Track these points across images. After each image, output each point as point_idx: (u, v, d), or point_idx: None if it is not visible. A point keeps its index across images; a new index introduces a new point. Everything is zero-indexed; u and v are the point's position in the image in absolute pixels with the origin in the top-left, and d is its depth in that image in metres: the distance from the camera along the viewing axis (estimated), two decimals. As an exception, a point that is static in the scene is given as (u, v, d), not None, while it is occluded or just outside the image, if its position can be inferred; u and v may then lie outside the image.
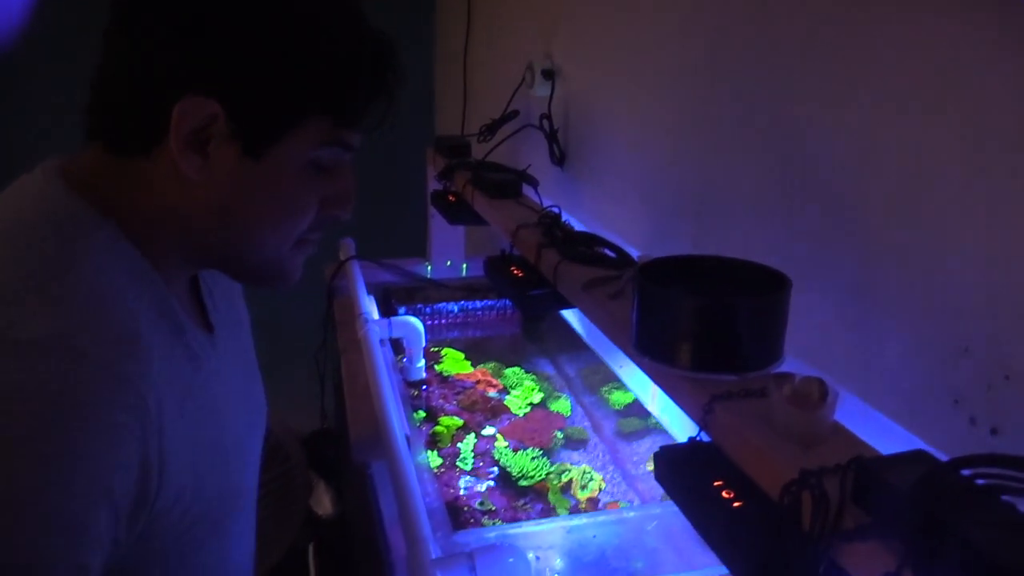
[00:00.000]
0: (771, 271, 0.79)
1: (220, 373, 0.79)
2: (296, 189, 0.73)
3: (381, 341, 1.63)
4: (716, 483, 0.67)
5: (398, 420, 1.23)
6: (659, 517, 1.12)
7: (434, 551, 0.91)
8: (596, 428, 1.69)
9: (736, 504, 0.65)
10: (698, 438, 0.73)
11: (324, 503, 2.09)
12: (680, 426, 1.45)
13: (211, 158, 0.68)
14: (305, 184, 0.73)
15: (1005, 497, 0.50)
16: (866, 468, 0.56)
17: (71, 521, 0.56)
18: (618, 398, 1.71)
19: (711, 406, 0.70)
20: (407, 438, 1.21)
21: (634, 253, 1.32)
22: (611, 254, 1.16)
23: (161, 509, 0.66)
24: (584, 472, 1.48)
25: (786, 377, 0.66)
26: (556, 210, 1.35)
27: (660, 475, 0.74)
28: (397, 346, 1.85)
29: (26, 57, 2.89)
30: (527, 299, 1.18)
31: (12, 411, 0.56)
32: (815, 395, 0.63)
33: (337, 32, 0.70)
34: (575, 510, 1.39)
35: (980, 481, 0.52)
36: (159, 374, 0.65)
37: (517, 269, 1.26)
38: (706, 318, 0.73)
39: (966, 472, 0.53)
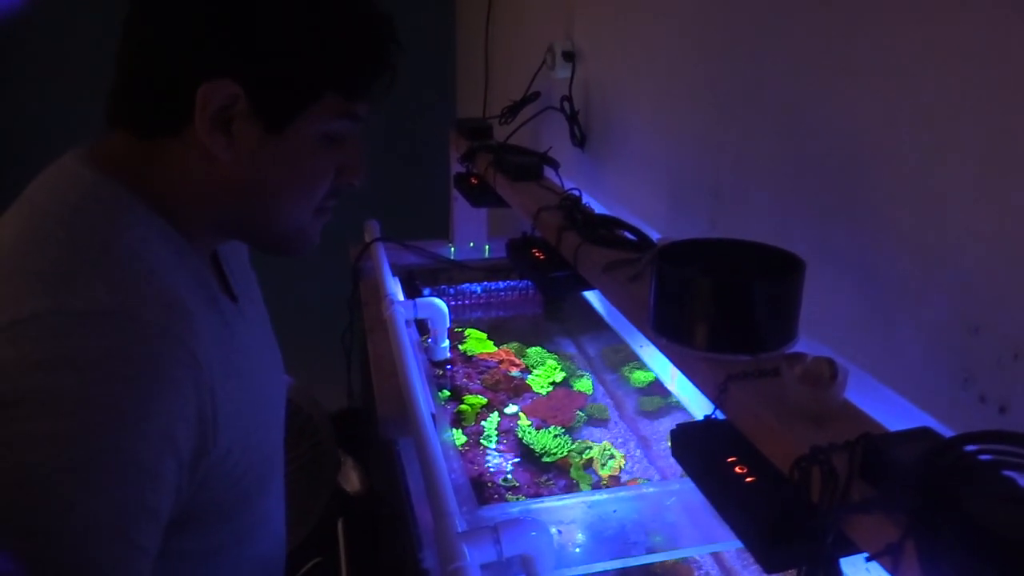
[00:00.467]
0: (786, 253, 0.81)
1: (246, 340, 0.84)
2: (315, 161, 0.79)
3: (406, 322, 1.66)
4: (730, 459, 0.70)
5: (424, 399, 1.27)
6: (678, 493, 1.14)
7: (460, 525, 0.94)
8: (617, 406, 1.72)
9: (749, 479, 0.67)
10: (713, 416, 0.75)
11: (352, 480, 2.14)
12: (699, 404, 1.48)
13: (235, 137, 0.73)
14: (322, 155, 0.79)
15: (1006, 472, 0.52)
16: (873, 444, 0.59)
17: (145, 469, 0.62)
18: (639, 377, 1.74)
19: (726, 385, 0.73)
20: (433, 416, 1.24)
21: (653, 234, 1.34)
22: (631, 236, 1.18)
23: (216, 459, 0.72)
24: (605, 449, 1.51)
25: (798, 357, 0.68)
26: (577, 192, 1.37)
27: (676, 452, 0.77)
28: (422, 327, 1.88)
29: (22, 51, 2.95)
30: (548, 281, 1.21)
31: (85, 376, 0.61)
32: (825, 374, 0.66)
33: (347, 13, 0.75)
34: (597, 486, 1.43)
35: (983, 457, 0.54)
36: (204, 337, 0.69)
37: (539, 251, 1.28)
38: (722, 300, 0.76)
39: (970, 448, 0.55)
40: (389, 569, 1.54)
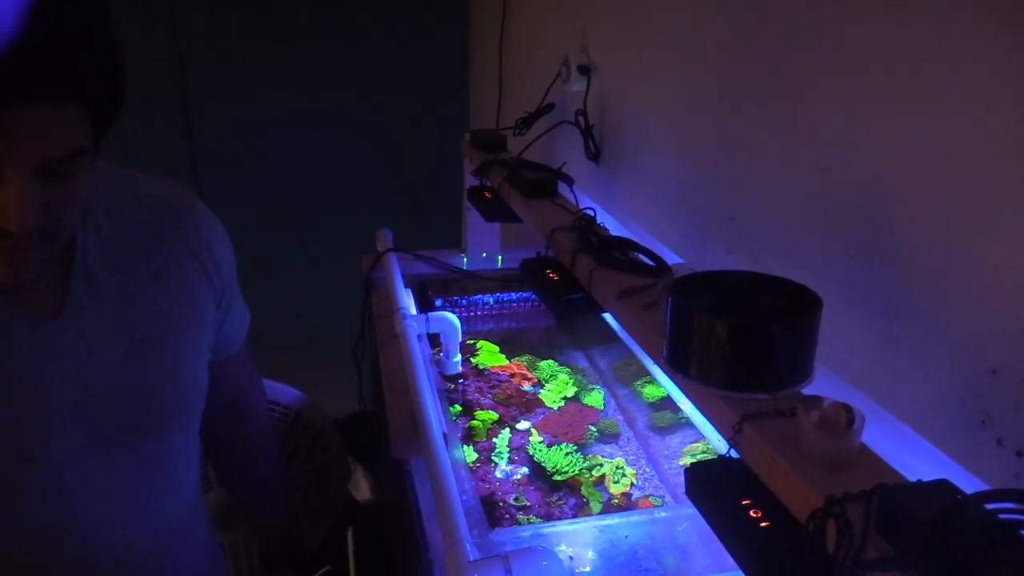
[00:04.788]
0: (803, 289, 0.81)
1: (40, 353, 0.88)
2: None
3: (419, 336, 1.66)
4: (744, 502, 0.70)
5: (436, 419, 1.27)
6: (691, 517, 1.14)
7: (471, 552, 0.94)
8: (629, 422, 1.72)
9: (763, 524, 0.67)
10: (728, 455, 0.75)
11: (363, 489, 2.15)
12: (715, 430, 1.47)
13: None
14: None
15: (1024, 533, 0.52)
16: (889, 497, 0.58)
17: None
18: (651, 392, 1.74)
19: (741, 426, 0.72)
20: (445, 436, 1.24)
21: (667, 254, 1.33)
22: (646, 260, 1.17)
23: None
24: (617, 467, 1.51)
25: (814, 401, 0.68)
26: (591, 212, 1.37)
27: (690, 491, 0.77)
28: (434, 339, 1.88)
29: None
30: (563, 304, 1.21)
31: None
32: (842, 421, 0.65)
33: None
34: (608, 504, 1.43)
35: (1004, 516, 0.54)
36: None
37: (553, 273, 1.28)
38: (738, 339, 0.75)
39: (990, 506, 0.54)
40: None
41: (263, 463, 1.41)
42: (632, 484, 1.49)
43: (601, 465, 1.52)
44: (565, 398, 1.76)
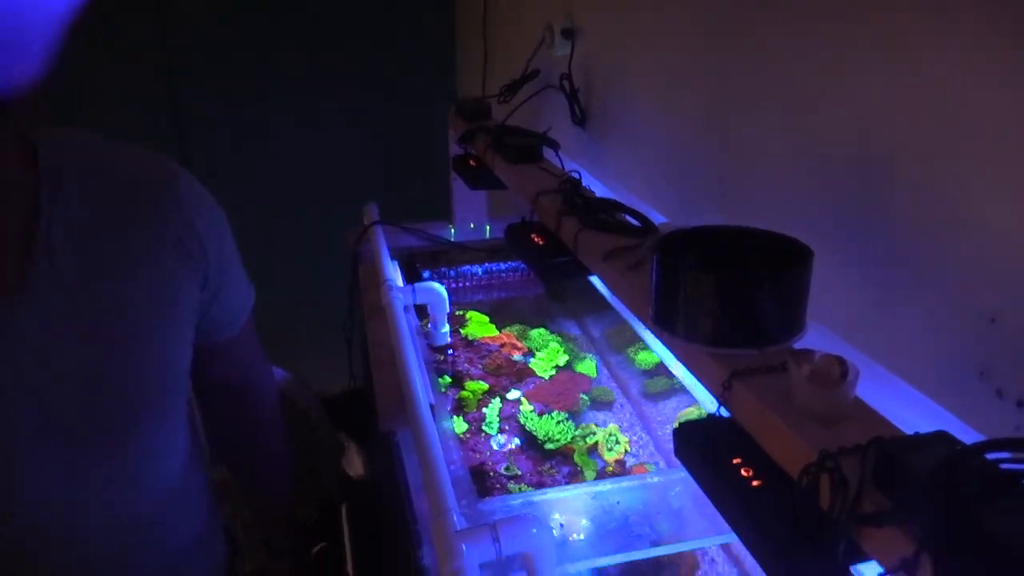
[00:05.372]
0: (793, 242, 0.78)
1: None
2: None
3: (405, 308, 1.63)
4: (735, 461, 0.67)
5: (423, 390, 1.24)
6: (683, 482, 1.12)
7: (459, 521, 0.91)
8: (622, 389, 1.69)
9: (755, 483, 0.64)
10: (717, 414, 0.72)
11: (356, 464, 2.13)
12: (704, 388, 1.45)
13: None
14: None
15: (1028, 482, 0.49)
16: (886, 450, 0.56)
17: None
18: (644, 358, 1.71)
19: (730, 382, 0.70)
20: (432, 407, 1.21)
21: (657, 217, 1.30)
22: (633, 221, 1.14)
23: None
24: (610, 434, 1.49)
25: (806, 355, 0.65)
26: (577, 174, 1.34)
27: (679, 451, 0.74)
28: (421, 310, 1.85)
29: None
30: (547, 268, 1.17)
31: None
32: (835, 374, 0.62)
33: None
34: (602, 472, 1.40)
35: (1005, 466, 0.51)
36: None
37: (538, 236, 1.25)
38: (726, 293, 0.72)
39: (992, 456, 0.52)
40: (390, 560, 1.53)
41: (265, 450, 1.34)
42: (626, 451, 1.47)
43: (594, 433, 1.50)
44: (557, 367, 1.73)
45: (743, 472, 0.66)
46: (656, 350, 1.69)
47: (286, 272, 3.19)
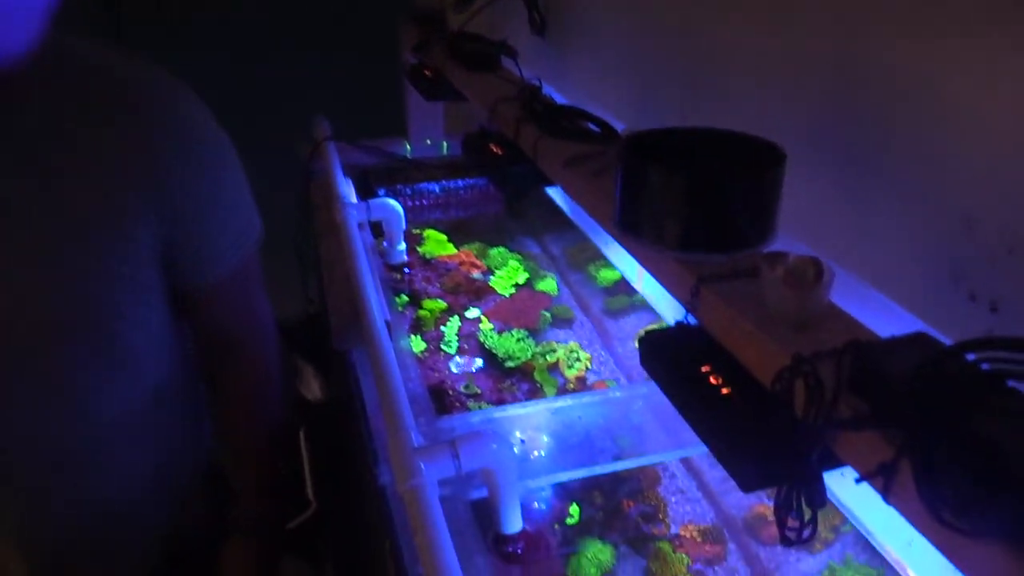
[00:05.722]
0: (765, 143, 0.74)
1: None
2: None
3: (359, 224, 1.57)
4: (703, 369, 0.64)
5: (377, 306, 1.20)
6: (645, 396, 1.10)
7: (417, 439, 0.88)
8: (583, 307, 1.67)
9: (724, 391, 0.62)
10: (685, 321, 0.69)
11: (313, 388, 2.09)
12: (667, 304, 1.43)
13: None
14: None
15: (1012, 383, 0.47)
16: (863, 353, 0.53)
17: None
18: (605, 276, 1.68)
19: (698, 288, 0.66)
20: (387, 323, 1.17)
21: (620, 127, 1.25)
22: (595, 128, 1.09)
23: None
24: (571, 351, 1.47)
25: (779, 256, 0.62)
26: (536, 82, 1.28)
27: (645, 361, 0.71)
28: (377, 229, 1.79)
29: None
30: (506, 177, 1.13)
31: None
32: (810, 275, 0.59)
33: None
34: (562, 389, 1.39)
35: (985, 366, 0.48)
36: None
37: (496, 146, 1.20)
38: (694, 194, 0.68)
39: (972, 356, 0.49)
40: (349, 482, 1.51)
41: (250, 417, 1.14)
42: (587, 368, 1.45)
43: (555, 350, 1.48)
44: (516, 285, 1.70)
45: (712, 380, 0.63)
46: (618, 266, 1.66)
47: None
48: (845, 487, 0.90)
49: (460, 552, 0.75)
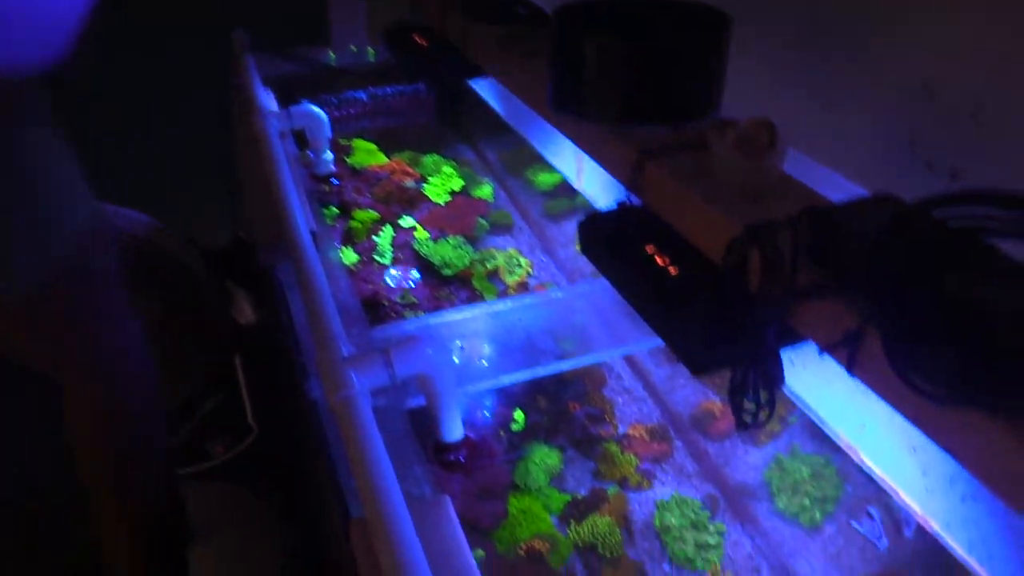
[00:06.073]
0: (708, 8, 0.67)
1: None
2: None
3: (281, 134, 1.47)
4: (648, 249, 0.59)
5: (302, 216, 1.12)
6: (587, 295, 1.06)
7: (346, 349, 0.82)
8: (522, 212, 1.61)
9: (673, 271, 0.57)
10: (626, 201, 0.64)
11: (245, 311, 2.01)
12: (609, 202, 1.37)
13: None
14: None
15: (989, 240, 0.43)
16: (822, 219, 0.48)
17: None
18: (544, 179, 1.62)
19: (641, 163, 0.61)
20: (313, 234, 1.10)
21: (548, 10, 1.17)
22: (522, 11, 1.01)
23: None
24: (511, 257, 1.42)
25: (728, 123, 0.56)
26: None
27: (586, 246, 0.66)
28: (302, 140, 1.69)
29: None
30: (432, 68, 1.04)
31: None
32: (763, 140, 0.54)
33: None
34: (503, 295, 1.34)
35: (956, 224, 0.44)
36: None
37: (420, 37, 1.11)
38: (633, 62, 0.62)
39: (941, 216, 0.45)
40: (287, 403, 1.45)
41: (91, 466, 0.93)
42: (528, 274, 1.40)
43: (495, 257, 1.42)
44: (452, 192, 1.63)
45: (658, 261, 0.58)
46: (558, 167, 1.59)
47: (151, 115, 2.91)
48: (795, 374, 0.88)
49: (398, 463, 0.70)
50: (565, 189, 1.56)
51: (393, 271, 1.38)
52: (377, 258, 1.40)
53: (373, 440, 0.70)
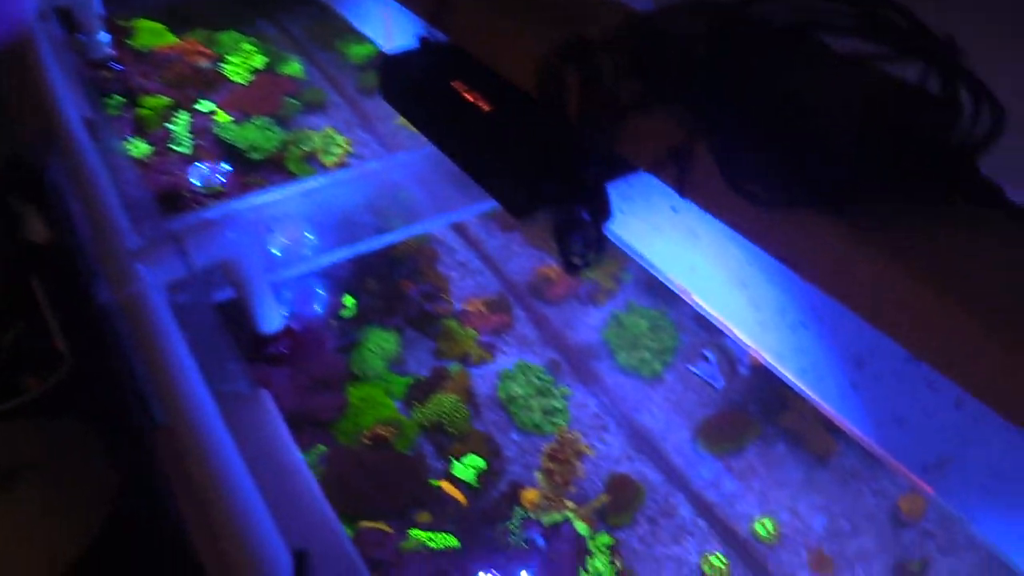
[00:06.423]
0: None
1: None
2: None
3: (41, 14, 1.27)
4: (454, 84, 0.52)
5: (71, 105, 0.97)
6: (406, 165, 0.98)
7: (131, 243, 0.72)
8: (336, 88, 1.49)
9: (485, 107, 0.50)
10: (428, 37, 0.56)
11: (39, 230, 1.80)
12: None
13: None
14: None
15: (822, 37, 0.38)
16: (642, 28, 0.43)
17: None
18: (357, 51, 1.51)
19: (443, -10, 0.53)
20: (89, 121, 0.95)
21: None
22: None
23: None
24: (327, 136, 1.31)
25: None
26: None
27: (386, 91, 0.58)
28: (70, 23, 1.47)
29: None
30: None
31: None
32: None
33: None
34: (322, 178, 1.24)
35: (784, 21, 0.40)
36: None
37: None
38: None
39: (767, 15, 0.40)
40: (84, 315, 1.31)
41: None
42: (347, 153, 1.30)
43: (310, 138, 1.31)
44: (255, 70, 1.48)
45: (469, 98, 0.51)
46: (372, 36, 1.47)
47: None
48: (624, 223, 0.85)
49: (208, 360, 0.62)
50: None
51: (200, 166, 1.24)
52: (174, 147, 1.25)
53: (170, 337, 0.61)
